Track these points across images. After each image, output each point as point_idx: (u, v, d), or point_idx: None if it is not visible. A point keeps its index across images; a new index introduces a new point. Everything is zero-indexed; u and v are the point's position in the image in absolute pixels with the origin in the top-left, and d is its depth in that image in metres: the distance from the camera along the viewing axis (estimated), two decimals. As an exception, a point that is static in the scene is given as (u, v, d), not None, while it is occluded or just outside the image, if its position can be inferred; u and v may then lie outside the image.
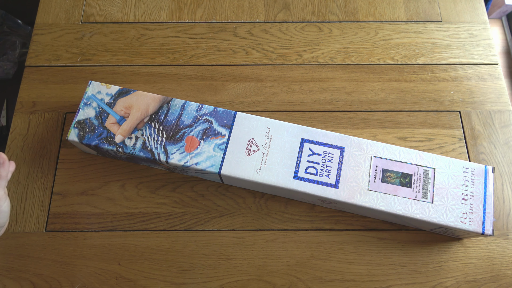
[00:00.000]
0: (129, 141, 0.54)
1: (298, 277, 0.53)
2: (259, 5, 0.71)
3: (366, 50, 0.67)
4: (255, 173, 0.52)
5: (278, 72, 0.65)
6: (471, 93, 0.64)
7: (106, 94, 0.56)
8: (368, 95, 0.64)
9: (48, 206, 0.57)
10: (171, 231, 0.56)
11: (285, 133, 0.54)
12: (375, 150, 0.53)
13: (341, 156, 0.53)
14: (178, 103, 0.56)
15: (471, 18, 0.70)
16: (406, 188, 0.51)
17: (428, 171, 0.52)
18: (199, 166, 0.52)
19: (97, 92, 0.56)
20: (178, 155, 0.53)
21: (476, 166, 0.52)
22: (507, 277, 0.53)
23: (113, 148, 0.53)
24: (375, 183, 0.51)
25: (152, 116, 0.55)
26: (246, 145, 0.53)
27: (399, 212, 0.50)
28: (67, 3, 0.70)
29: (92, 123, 0.55)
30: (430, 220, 0.49)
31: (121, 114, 0.55)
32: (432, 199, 0.50)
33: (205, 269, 0.54)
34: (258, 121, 0.55)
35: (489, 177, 0.51)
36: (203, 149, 0.53)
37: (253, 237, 0.55)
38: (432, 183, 0.51)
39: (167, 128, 0.54)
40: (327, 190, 0.51)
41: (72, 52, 0.66)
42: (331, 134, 0.54)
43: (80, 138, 0.54)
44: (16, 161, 0.59)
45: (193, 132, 0.54)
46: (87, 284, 0.53)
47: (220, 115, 0.55)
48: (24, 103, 0.63)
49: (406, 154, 0.52)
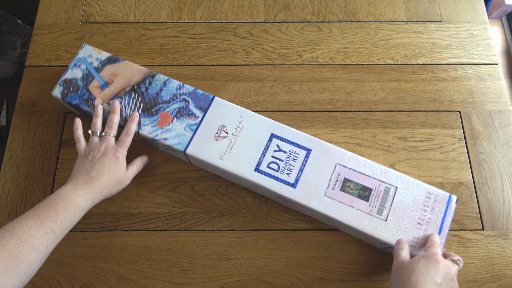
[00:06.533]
0: (107, 106, 0.56)
1: (298, 277, 0.53)
2: (259, 5, 0.71)
3: (366, 50, 0.67)
4: (218, 158, 0.53)
5: (278, 72, 0.65)
6: (471, 93, 0.64)
7: (96, 59, 0.59)
8: (368, 95, 0.64)
9: (48, 206, 0.57)
10: (171, 231, 0.56)
11: (257, 125, 0.54)
12: (342, 158, 0.52)
13: (306, 157, 0.52)
14: (161, 79, 0.57)
15: (471, 18, 0.70)
16: (363, 201, 0.50)
17: (389, 188, 0.51)
18: (167, 142, 0.54)
19: (88, 56, 0.58)
20: (150, 127, 0.55)
21: (440, 193, 0.50)
22: (507, 277, 0.53)
23: (91, 110, 0.56)
24: (333, 190, 0.51)
25: (134, 86, 0.57)
26: (217, 130, 0.54)
27: (350, 223, 0.49)
28: (67, 3, 0.70)
29: (77, 83, 0.57)
30: (379, 237, 0.49)
31: (106, 80, 0.57)
32: (387, 217, 0.49)
33: (205, 269, 0.54)
34: (233, 109, 0.55)
35: (451, 207, 0.50)
36: (175, 126, 0.55)
37: (253, 237, 0.55)
38: (391, 201, 0.50)
39: (145, 100, 0.56)
40: (284, 188, 0.51)
41: (72, 52, 0.66)
42: (301, 134, 0.54)
43: (63, 96, 0.57)
44: (16, 161, 0.59)
45: (169, 109, 0.56)
46: (87, 284, 0.53)
47: (198, 97, 0.56)
48: (24, 103, 0.63)
49: (371, 168, 0.52)
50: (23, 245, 0.40)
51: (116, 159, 0.51)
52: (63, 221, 0.44)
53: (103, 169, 0.49)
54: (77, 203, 0.46)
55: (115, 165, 0.50)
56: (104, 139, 0.52)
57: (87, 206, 0.48)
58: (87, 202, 0.48)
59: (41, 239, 0.42)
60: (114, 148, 0.52)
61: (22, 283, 0.41)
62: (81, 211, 0.47)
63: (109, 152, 0.51)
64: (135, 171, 0.54)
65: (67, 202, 0.46)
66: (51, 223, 0.43)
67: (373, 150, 0.60)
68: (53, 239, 0.43)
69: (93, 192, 0.48)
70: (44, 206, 0.45)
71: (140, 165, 0.55)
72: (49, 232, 0.43)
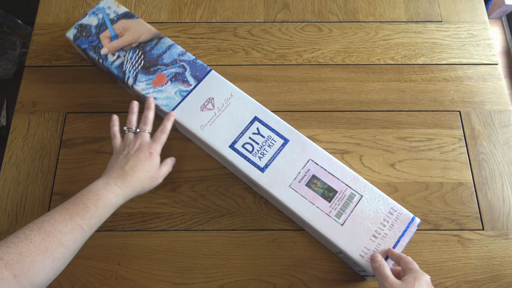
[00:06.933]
0: (111, 57, 0.59)
1: (298, 277, 0.53)
2: (259, 5, 0.71)
3: (366, 50, 0.67)
4: (199, 128, 0.55)
5: (278, 72, 0.65)
6: (471, 93, 0.64)
7: (114, 12, 0.62)
8: (368, 95, 0.64)
9: (48, 206, 0.57)
10: (171, 231, 0.56)
11: (243, 105, 0.56)
12: (316, 156, 0.53)
13: (282, 146, 0.53)
14: (167, 42, 0.60)
15: (471, 18, 0.70)
16: (324, 201, 0.50)
17: (354, 195, 0.51)
18: (156, 101, 0.57)
19: (107, 7, 0.62)
20: (144, 85, 0.58)
21: (404, 213, 0.50)
22: (507, 277, 0.53)
23: (96, 57, 0.59)
24: (299, 184, 0.51)
25: (141, 44, 0.60)
26: (204, 101, 0.56)
27: (306, 218, 0.50)
28: (67, 3, 0.70)
29: (90, 30, 0.61)
30: (331, 239, 0.49)
31: (117, 32, 0.61)
32: (344, 222, 0.49)
33: (205, 269, 0.54)
34: (225, 85, 0.58)
35: (411, 229, 0.49)
36: (167, 89, 0.57)
37: (253, 237, 0.55)
38: (352, 207, 0.50)
39: (147, 59, 0.59)
40: (252, 170, 0.52)
41: (72, 52, 0.66)
42: (283, 123, 0.55)
43: (75, 38, 0.61)
44: (16, 161, 0.59)
45: (166, 72, 0.58)
46: (87, 284, 0.53)
47: (196, 67, 0.59)
48: (24, 103, 0.63)
49: (343, 172, 0.52)
50: (50, 240, 0.40)
51: (150, 155, 0.50)
52: (92, 216, 0.44)
53: (137, 165, 0.49)
54: (107, 198, 0.45)
55: (149, 161, 0.50)
56: (139, 135, 0.52)
57: (118, 201, 0.47)
58: (118, 198, 0.47)
59: (69, 234, 0.41)
60: (149, 144, 0.51)
61: (48, 279, 0.40)
62: (112, 207, 0.46)
63: (144, 148, 0.51)
64: (168, 170, 0.54)
65: (98, 197, 0.45)
66: (80, 219, 0.42)
67: (373, 150, 0.60)
68: (81, 235, 0.42)
69: (125, 187, 0.47)
70: (74, 200, 0.44)
71: (171, 165, 0.55)
72: (76, 227, 0.42)
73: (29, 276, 0.38)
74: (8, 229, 0.55)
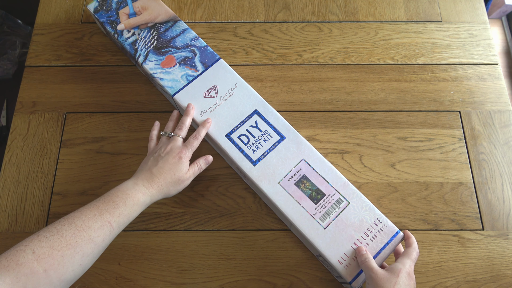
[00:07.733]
0: (126, 33, 0.61)
1: (298, 277, 0.53)
2: (259, 5, 0.71)
3: (366, 50, 0.67)
4: (198, 113, 0.56)
5: (278, 72, 0.65)
6: (471, 93, 0.64)
7: None
8: (368, 95, 0.64)
9: (48, 206, 0.57)
10: (171, 231, 0.56)
11: (246, 97, 0.57)
12: (309, 156, 0.53)
13: (277, 143, 0.54)
14: (182, 26, 0.62)
15: (471, 18, 0.70)
16: (311, 202, 0.50)
17: (341, 201, 0.50)
18: (162, 82, 0.58)
19: None
20: (153, 64, 0.59)
21: (389, 225, 0.50)
22: (507, 277, 0.53)
23: (112, 31, 0.61)
24: (288, 182, 0.51)
25: (156, 24, 0.62)
26: (208, 88, 0.57)
27: (290, 217, 0.50)
28: (67, 3, 0.70)
29: (111, 5, 0.63)
30: (312, 240, 0.49)
31: (136, 10, 0.63)
32: (327, 225, 0.49)
33: (205, 269, 0.54)
34: (231, 75, 0.58)
35: (394, 242, 0.49)
36: (174, 71, 0.58)
37: (253, 237, 0.55)
38: (338, 213, 0.50)
39: (160, 40, 0.61)
40: (244, 162, 0.53)
41: (72, 52, 0.66)
42: (282, 120, 0.55)
43: (95, 11, 0.63)
44: (16, 161, 0.59)
45: (176, 55, 0.60)
46: (87, 284, 0.53)
47: (205, 53, 0.60)
48: (24, 103, 0.63)
49: (334, 176, 0.52)
50: (80, 235, 0.40)
51: (179, 159, 0.51)
52: (121, 214, 0.44)
53: (164, 167, 0.50)
54: (136, 197, 0.46)
55: (177, 164, 0.50)
56: (172, 139, 0.53)
57: (145, 201, 0.48)
58: (146, 197, 0.47)
59: (98, 230, 0.42)
60: (180, 148, 0.52)
61: (76, 275, 0.40)
62: (140, 206, 0.47)
63: (174, 152, 0.51)
64: (196, 171, 0.54)
65: (126, 195, 0.46)
66: (109, 216, 0.43)
67: (373, 150, 0.60)
68: (109, 231, 0.43)
69: (152, 188, 0.48)
70: (104, 198, 0.45)
71: (202, 165, 0.54)
72: (106, 224, 0.43)
73: (59, 270, 0.38)
74: (8, 229, 0.55)
